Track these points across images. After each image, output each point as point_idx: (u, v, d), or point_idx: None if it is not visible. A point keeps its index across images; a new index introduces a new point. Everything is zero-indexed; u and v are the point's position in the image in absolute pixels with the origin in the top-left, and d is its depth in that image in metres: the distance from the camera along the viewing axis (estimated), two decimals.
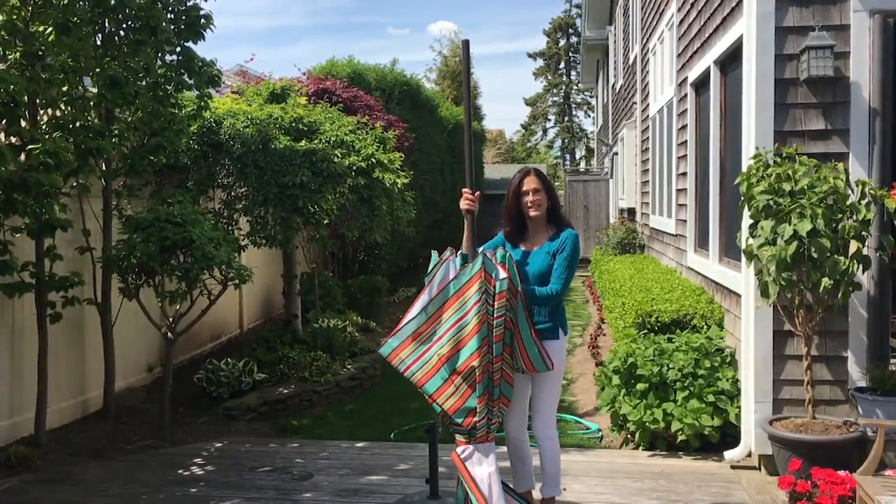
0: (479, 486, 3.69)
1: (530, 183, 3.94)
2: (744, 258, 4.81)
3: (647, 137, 11.25)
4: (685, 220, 7.76)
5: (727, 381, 5.31)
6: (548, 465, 4.12)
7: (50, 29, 5.53)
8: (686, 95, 7.72)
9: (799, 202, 4.38)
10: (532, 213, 3.96)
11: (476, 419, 3.68)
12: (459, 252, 3.84)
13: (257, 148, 7.22)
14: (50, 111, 5.88)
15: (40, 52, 5.46)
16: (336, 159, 7.56)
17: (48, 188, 5.24)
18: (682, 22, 8.04)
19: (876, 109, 4.71)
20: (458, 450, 3.78)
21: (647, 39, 11.32)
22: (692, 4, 7.36)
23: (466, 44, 3.97)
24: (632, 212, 13.70)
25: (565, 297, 4.08)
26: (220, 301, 6.49)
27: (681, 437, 5.21)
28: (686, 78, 7.69)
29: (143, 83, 6.30)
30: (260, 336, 8.25)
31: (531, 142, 51.42)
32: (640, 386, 5.45)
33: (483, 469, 3.71)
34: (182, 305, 6.11)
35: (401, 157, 9.24)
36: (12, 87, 5.00)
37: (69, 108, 5.86)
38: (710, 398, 5.22)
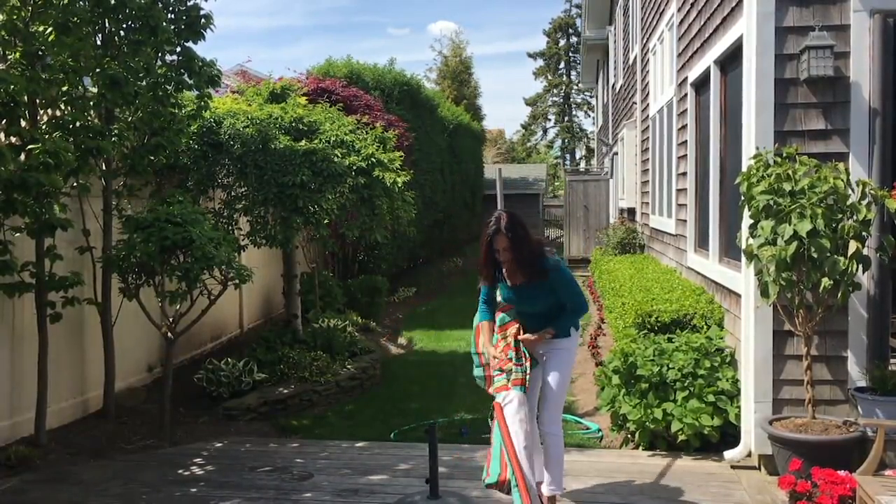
0: (512, 437, 3.84)
1: (499, 242, 4.05)
2: (744, 258, 4.81)
3: (647, 137, 11.25)
4: (685, 220, 7.76)
5: (727, 381, 5.30)
6: (552, 461, 4.14)
7: (50, 29, 5.53)
8: (686, 95, 7.71)
9: (799, 202, 4.38)
10: (505, 267, 4.16)
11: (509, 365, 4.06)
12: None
13: (257, 148, 7.22)
14: (50, 111, 5.88)
15: (40, 52, 5.46)
16: (336, 159, 7.56)
17: (48, 188, 5.24)
18: (682, 22, 8.03)
19: (876, 109, 4.71)
20: (499, 397, 3.99)
21: (647, 39, 11.32)
22: (692, 4, 7.35)
23: (500, 171, 4.14)
24: (632, 212, 13.69)
25: None
26: (220, 301, 6.49)
27: (681, 437, 5.21)
28: (686, 78, 7.69)
29: (143, 83, 6.30)
30: (260, 336, 8.25)
31: (531, 142, 51.44)
32: (640, 386, 5.45)
33: (517, 420, 3.89)
34: (182, 305, 6.11)
35: (401, 156, 9.24)
36: (12, 87, 5.00)
37: (69, 108, 5.86)
38: (710, 398, 5.22)
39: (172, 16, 6.43)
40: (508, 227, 4.00)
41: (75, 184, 5.84)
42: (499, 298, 4.40)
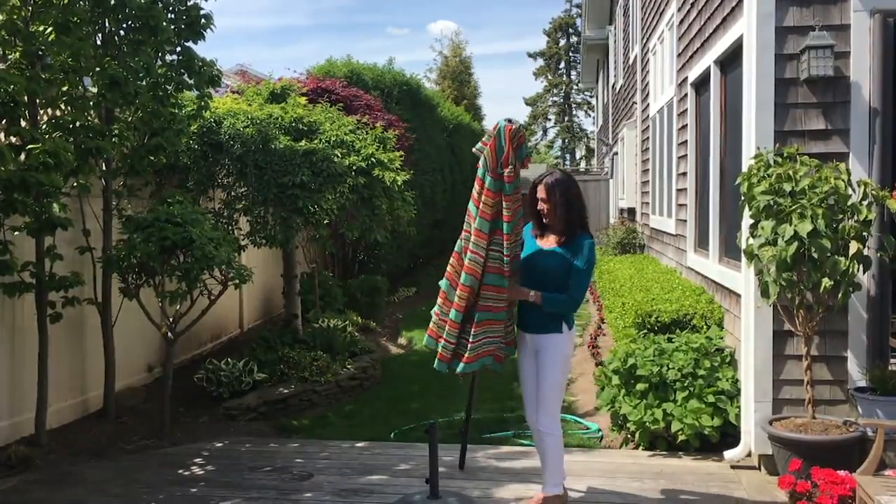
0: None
1: (539, 192, 4.16)
2: (744, 258, 4.81)
3: (647, 137, 11.25)
4: (685, 220, 7.76)
5: (727, 381, 5.30)
6: (548, 460, 4.14)
7: (50, 29, 5.53)
8: (686, 95, 7.71)
9: (800, 202, 4.38)
10: (544, 219, 4.19)
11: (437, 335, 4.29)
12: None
13: (257, 148, 7.22)
14: (50, 111, 5.89)
15: (40, 52, 5.46)
16: (336, 159, 7.56)
17: (48, 188, 5.24)
18: (682, 22, 8.04)
19: (876, 109, 4.71)
20: None
21: (647, 39, 11.32)
22: (692, 4, 7.35)
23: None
24: (632, 212, 13.70)
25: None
26: (220, 301, 6.49)
27: (681, 437, 5.21)
28: (686, 78, 7.69)
29: (143, 83, 6.30)
30: (260, 336, 8.24)
31: (531, 142, 51.42)
32: (640, 386, 5.45)
33: None
34: (182, 305, 6.11)
35: (401, 156, 9.25)
36: (12, 87, 5.00)
37: (69, 108, 5.86)
38: (710, 398, 5.22)
39: (172, 16, 6.43)
40: (551, 183, 4.10)
41: (75, 184, 5.84)
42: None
